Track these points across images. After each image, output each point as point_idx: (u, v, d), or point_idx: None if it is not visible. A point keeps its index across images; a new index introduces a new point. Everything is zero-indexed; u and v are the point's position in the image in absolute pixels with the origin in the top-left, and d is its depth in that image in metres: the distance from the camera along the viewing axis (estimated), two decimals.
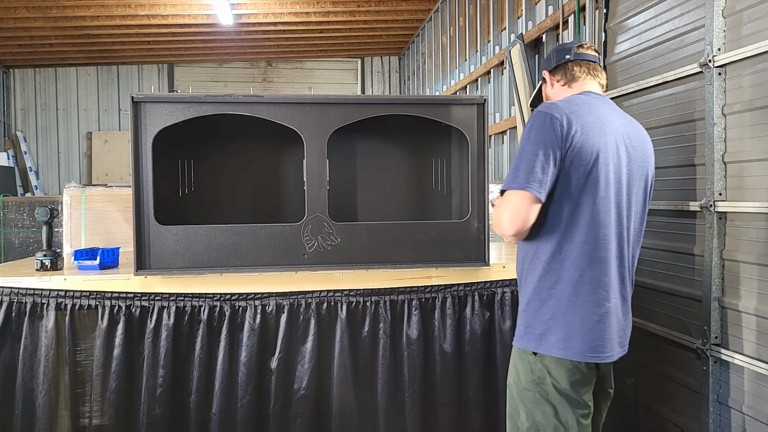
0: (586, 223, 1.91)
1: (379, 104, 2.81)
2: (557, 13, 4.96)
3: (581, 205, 1.90)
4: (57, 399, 2.58)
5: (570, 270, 1.92)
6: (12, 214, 6.14)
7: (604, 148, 1.93)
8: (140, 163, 2.62)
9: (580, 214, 1.91)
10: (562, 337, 1.93)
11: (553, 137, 1.87)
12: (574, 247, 1.92)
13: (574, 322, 1.93)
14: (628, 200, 2.01)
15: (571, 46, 2.20)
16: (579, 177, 1.89)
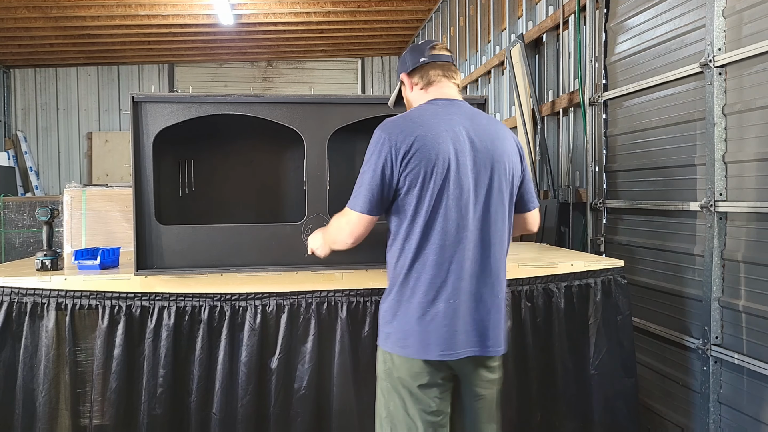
0: (421, 230, 2.01)
1: (380, 104, 2.81)
2: (557, 13, 4.96)
3: (419, 215, 2.01)
4: (57, 399, 2.58)
5: (408, 273, 2.04)
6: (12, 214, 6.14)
7: (437, 159, 1.99)
8: (141, 163, 2.62)
9: (417, 222, 2.01)
10: (401, 336, 2.04)
11: (388, 157, 2.00)
12: (411, 253, 2.03)
13: (411, 322, 2.03)
14: (475, 202, 2.02)
15: (424, 47, 2.20)
16: (416, 190, 2.00)
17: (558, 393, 2.83)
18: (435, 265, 2.01)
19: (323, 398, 2.67)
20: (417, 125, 2.03)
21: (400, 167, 1.99)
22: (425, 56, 2.17)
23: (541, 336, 2.81)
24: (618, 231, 4.09)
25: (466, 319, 2.03)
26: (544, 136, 5.23)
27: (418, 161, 1.98)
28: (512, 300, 2.77)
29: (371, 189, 2.02)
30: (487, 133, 2.07)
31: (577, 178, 4.75)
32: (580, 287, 2.85)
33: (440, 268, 2.01)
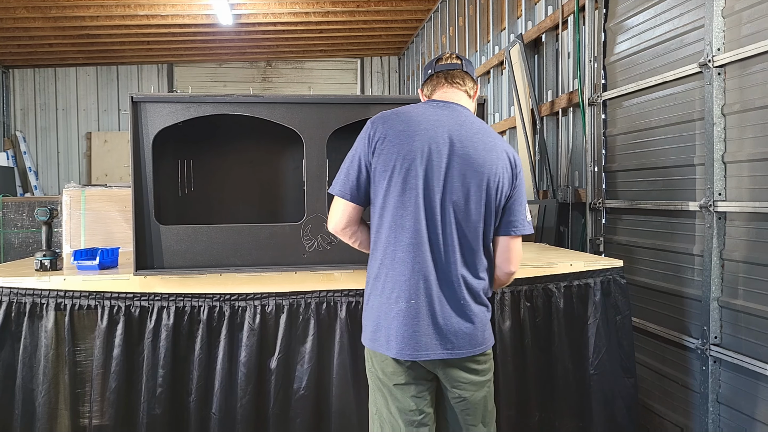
0: (389, 225, 2.02)
1: (379, 104, 2.81)
2: (557, 14, 4.96)
3: (386, 209, 2.03)
4: (57, 399, 2.58)
5: (379, 268, 2.06)
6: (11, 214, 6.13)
7: (409, 154, 2.00)
8: (140, 163, 2.62)
9: (385, 216, 2.03)
10: (373, 329, 2.07)
11: (364, 145, 2.06)
12: (381, 247, 2.05)
13: (380, 317, 2.05)
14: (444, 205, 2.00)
15: (433, 61, 2.24)
16: (385, 182, 2.02)
17: (558, 393, 2.83)
18: (401, 263, 2.01)
19: (322, 398, 2.67)
20: (400, 119, 2.06)
21: (372, 154, 2.03)
22: (432, 69, 2.21)
23: (540, 336, 2.82)
24: (617, 231, 4.09)
25: (429, 321, 2.01)
26: (543, 136, 5.24)
27: (388, 152, 2.01)
28: (512, 300, 2.77)
29: (348, 172, 2.07)
30: (474, 141, 2.04)
31: (576, 178, 4.76)
32: (579, 287, 2.85)
33: (405, 266, 2.01)
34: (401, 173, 1.99)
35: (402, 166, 1.99)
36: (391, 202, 2.01)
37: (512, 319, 2.77)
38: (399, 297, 2.01)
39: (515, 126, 5.81)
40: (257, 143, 3.29)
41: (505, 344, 2.75)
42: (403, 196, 2.00)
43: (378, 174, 2.03)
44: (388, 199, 2.02)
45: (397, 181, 2.00)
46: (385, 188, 2.02)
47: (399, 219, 2.01)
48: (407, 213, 2.00)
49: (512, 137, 6.19)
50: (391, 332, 2.02)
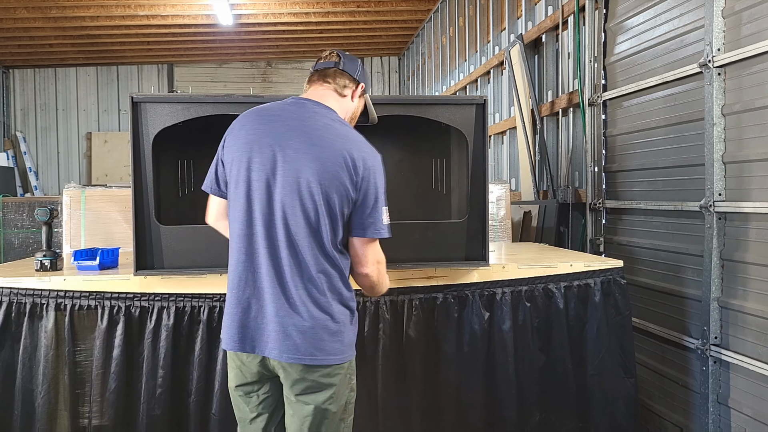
0: (230, 217, 2.06)
1: (379, 104, 2.80)
2: (557, 14, 4.97)
3: (230, 201, 2.06)
4: (56, 399, 2.57)
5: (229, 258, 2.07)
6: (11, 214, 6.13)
7: (243, 147, 2.01)
8: (140, 164, 2.62)
9: (229, 208, 2.07)
10: (222, 325, 2.07)
11: (222, 140, 2.10)
12: (229, 243, 2.08)
13: (225, 312, 2.06)
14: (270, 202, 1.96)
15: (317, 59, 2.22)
16: (228, 175, 2.05)
17: (558, 393, 2.83)
18: (234, 254, 2.02)
19: None
20: (249, 115, 2.08)
21: (222, 148, 2.08)
22: (312, 68, 2.21)
23: (540, 336, 2.82)
24: (617, 231, 4.09)
25: (256, 318, 1.99)
26: (543, 137, 5.24)
27: (230, 146, 2.04)
28: (512, 300, 2.78)
29: (211, 167, 2.12)
30: (312, 138, 1.98)
31: (576, 178, 4.76)
32: (579, 287, 2.85)
33: (239, 261, 2.01)
34: (236, 166, 2.01)
35: (237, 159, 2.01)
36: (231, 195, 2.05)
37: (512, 319, 2.77)
38: (231, 288, 2.03)
39: (515, 126, 5.81)
40: None
41: (506, 344, 2.75)
42: (236, 189, 2.01)
43: (225, 167, 2.06)
44: (230, 192, 2.05)
45: (233, 173, 2.02)
46: (228, 181, 2.06)
47: (234, 211, 2.03)
48: (239, 205, 2.01)
49: (512, 137, 6.19)
50: (234, 327, 2.01)
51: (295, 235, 1.96)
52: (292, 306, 1.96)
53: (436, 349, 2.74)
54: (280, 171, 1.97)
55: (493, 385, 2.78)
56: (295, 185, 1.95)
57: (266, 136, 2.00)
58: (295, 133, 1.99)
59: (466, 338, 2.75)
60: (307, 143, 1.98)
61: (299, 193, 1.95)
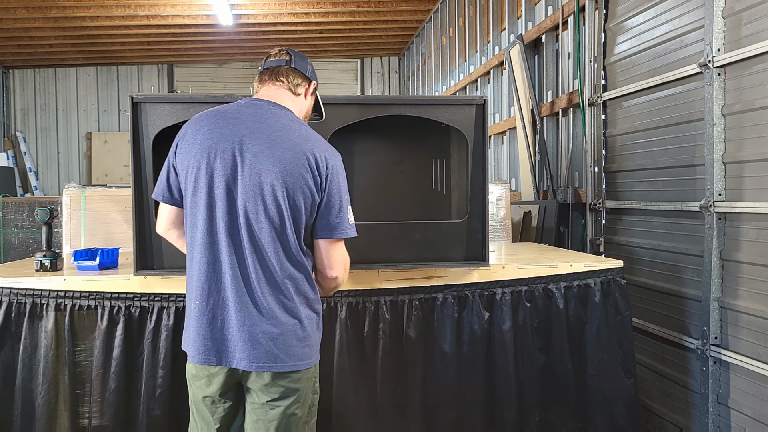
0: (188, 224, 2.00)
1: (379, 105, 2.80)
2: (557, 14, 4.97)
3: (186, 208, 2.00)
4: (56, 399, 2.57)
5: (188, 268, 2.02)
6: (11, 214, 6.13)
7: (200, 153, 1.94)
8: (140, 164, 2.62)
9: (187, 216, 2.00)
10: (185, 329, 2.04)
11: (173, 146, 2.03)
12: (188, 247, 2.01)
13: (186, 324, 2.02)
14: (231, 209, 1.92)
15: (264, 59, 2.17)
16: (183, 182, 1.99)
17: (558, 393, 2.83)
18: (198, 262, 1.96)
19: (323, 398, 2.66)
20: (202, 119, 2.01)
21: (174, 154, 2.01)
22: (262, 66, 2.15)
23: (540, 336, 2.82)
24: (617, 231, 4.09)
25: (222, 329, 1.93)
26: (543, 137, 5.24)
27: (184, 151, 1.97)
28: (512, 300, 2.78)
29: (161, 175, 2.04)
30: (273, 140, 1.94)
31: (576, 178, 4.76)
32: (579, 287, 2.85)
33: (201, 271, 1.94)
34: (193, 172, 1.94)
35: (193, 164, 1.94)
36: (188, 202, 1.98)
37: (512, 319, 2.77)
38: (191, 298, 1.97)
39: (515, 126, 5.81)
40: None
41: (505, 344, 2.75)
42: (195, 195, 1.95)
43: (179, 174, 1.99)
44: (186, 199, 1.98)
45: (190, 180, 1.95)
46: (184, 188, 1.98)
47: (193, 218, 1.96)
48: (199, 212, 1.94)
49: (512, 137, 6.19)
50: (194, 336, 1.96)
51: (259, 241, 1.91)
52: (261, 313, 1.92)
53: (436, 349, 2.74)
54: (241, 175, 1.91)
55: (493, 385, 2.78)
56: (257, 189, 1.90)
57: (224, 140, 1.93)
58: (255, 136, 1.94)
59: (466, 338, 2.75)
60: (268, 145, 1.93)
61: (262, 197, 1.90)
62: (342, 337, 2.65)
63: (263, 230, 1.91)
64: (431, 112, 2.78)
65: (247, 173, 1.91)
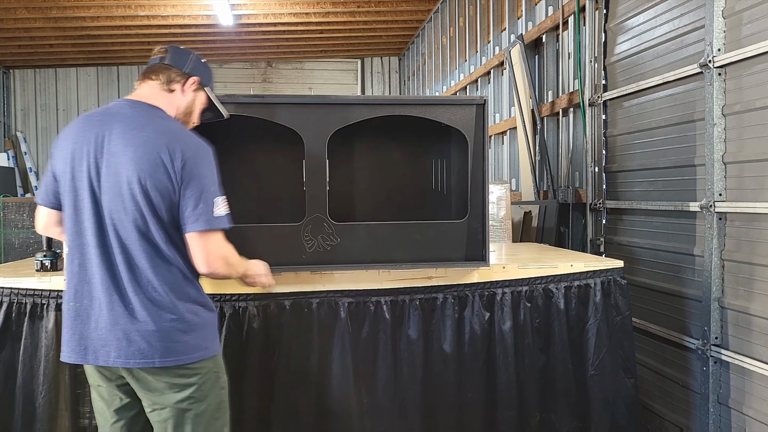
0: (65, 233, 2.04)
1: (379, 105, 2.81)
2: (557, 14, 4.97)
3: (61, 210, 2.04)
4: (57, 399, 2.57)
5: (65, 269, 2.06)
6: (12, 214, 6.14)
7: (65, 154, 1.98)
8: None
9: (62, 217, 2.04)
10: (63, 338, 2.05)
11: (50, 156, 2.08)
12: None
13: (63, 325, 2.03)
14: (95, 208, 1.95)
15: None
16: (60, 186, 2.02)
17: (558, 393, 2.83)
18: (69, 268, 2.00)
19: (323, 398, 2.67)
20: (74, 125, 2.04)
21: (52, 157, 2.04)
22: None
23: (541, 336, 2.82)
24: (618, 231, 4.09)
25: (96, 329, 1.95)
26: (543, 137, 5.24)
27: (56, 155, 2.01)
28: (512, 300, 2.78)
29: (44, 178, 2.09)
30: (129, 138, 1.94)
31: (576, 178, 4.76)
32: (579, 288, 2.85)
33: (72, 273, 1.98)
34: (62, 174, 1.98)
35: (63, 170, 1.98)
36: (63, 206, 2.02)
37: (513, 319, 2.77)
38: (67, 298, 2.00)
39: (515, 126, 5.81)
40: (257, 144, 3.28)
41: (506, 345, 2.75)
42: (63, 197, 2.00)
43: (58, 179, 2.02)
44: (61, 202, 2.03)
45: (61, 181, 2.00)
46: (61, 193, 2.02)
47: (65, 222, 2.00)
48: (67, 215, 1.99)
49: (513, 137, 6.19)
50: (68, 335, 2.00)
51: (125, 240, 1.93)
52: (132, 312, 1.93)
53: (436, 349, 2.74)
54: (104, 177, 1.94)
55: (493, 385, 2.78)
56: (117, 189, 1.92)
57: (88, 143, 1.95)
58: (115, 136, 1.95)
59: (466, 338, 2.75)
60: (124, 144, 1.93)
61: (122, 197, 1.92)
62: (342, 337, 2.65)
63: (128, 230, 1.93)
64: (431, 112, 2.79)
65: (107, 174, 1.93)
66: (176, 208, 1.95)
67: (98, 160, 1.94)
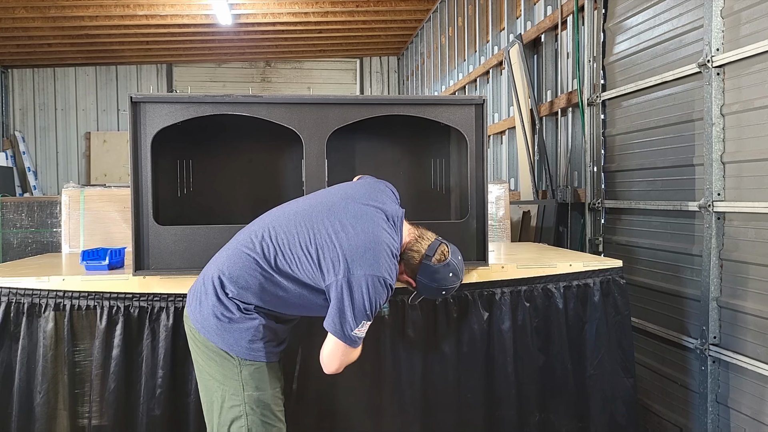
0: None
1: (378, 104, 2.80)
2: (556, 14, 4.97)
3: None
4: (56, 399, 2.57)
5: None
6: (10, 214, 6.12)
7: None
8: (139, 164, 2.62)
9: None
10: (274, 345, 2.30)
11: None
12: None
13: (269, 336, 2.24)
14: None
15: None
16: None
17: (557, 393, 2.83)
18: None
19: (323, 398, 2.67)
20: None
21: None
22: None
23: (540, 336, 2.81)
24: (616, 231, 4.10)
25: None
26: (542, 137, 5.24)
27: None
28: (511, 300, 2.77)
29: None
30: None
31: (575, 178, 4.76)
32: (578, 287, 2.85)
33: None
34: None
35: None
36: None
37: (512, 319, 2.77)
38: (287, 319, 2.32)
39: (514, 126, 5.81)
40: (256, 143, 3.28)
41: (505, 344, 2.75)
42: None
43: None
44: None
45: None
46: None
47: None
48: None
49: (511, 137, 6.19)
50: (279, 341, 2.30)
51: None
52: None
53: (436, 349, 2.74)
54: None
55: (492, 385, 2.78)
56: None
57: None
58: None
59: (466, 338, 2.75)
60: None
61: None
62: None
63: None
64: (430, 112, 2.78)
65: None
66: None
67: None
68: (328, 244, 2.06)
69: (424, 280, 2.21)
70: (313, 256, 2.07)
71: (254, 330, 2.12)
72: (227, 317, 2.11)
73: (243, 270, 2.12)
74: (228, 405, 2.15)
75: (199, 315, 2.16)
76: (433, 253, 2.19)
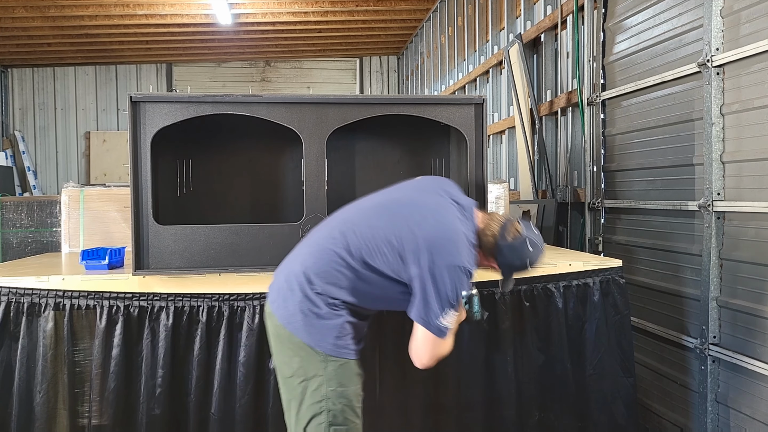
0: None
1: (378, 104, 2.81)
2: (556, 13, 4.96)
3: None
4: (56, 399, 2.57)
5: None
6: (10, 214, 6.12)
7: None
8: (139, 163, 2.62)
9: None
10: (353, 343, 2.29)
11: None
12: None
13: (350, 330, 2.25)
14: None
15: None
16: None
17: (557, 393, 2.83)
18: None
19: None
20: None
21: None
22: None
23: (540, 336, 2.82)
24: (616, 231, 4.10)
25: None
26: (542, 136, 5.24)
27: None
28: (511, 300, 2.78)
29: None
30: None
31: (575, 177, 4.76)
32: (578, 287, 2.85)
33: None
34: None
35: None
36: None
37: (512, 319, 2.77)
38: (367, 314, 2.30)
39: (514, 126, 5.81)
40: (256, 143, 3.28)
41: (505, 344, 2.75)
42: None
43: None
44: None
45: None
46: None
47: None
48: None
49: (511, 137, 6.19)
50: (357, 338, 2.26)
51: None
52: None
53: None
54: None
55: (492, 384, 2.78)
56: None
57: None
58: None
59: (466, 338, 2.74)
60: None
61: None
62: None
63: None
64: (430, 112, 2.78)
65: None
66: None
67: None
68: (409, 236, 2.10)
69: (506, 259, 2.23)
70: (396, 248, 2.11)
71: (340, 327, 2.14)
72: (314, 313, 2.13)
73: (328, 265, 2.14)
74: (308, 402, 2.15)
75: (284, 311, 2.18)
76: (506, 231, 2.21)
